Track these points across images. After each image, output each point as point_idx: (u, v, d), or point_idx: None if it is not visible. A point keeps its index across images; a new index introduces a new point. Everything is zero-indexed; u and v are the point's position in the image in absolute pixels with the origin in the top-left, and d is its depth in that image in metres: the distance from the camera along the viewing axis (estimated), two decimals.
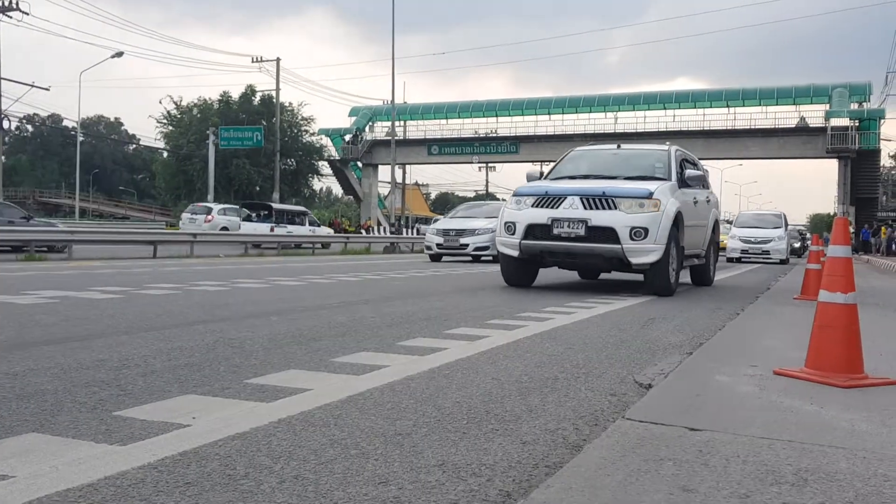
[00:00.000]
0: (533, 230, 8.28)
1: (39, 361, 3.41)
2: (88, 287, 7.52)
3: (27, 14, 33.17)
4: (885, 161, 53.92)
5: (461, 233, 17.75)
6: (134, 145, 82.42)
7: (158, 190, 59.04)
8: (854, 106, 44.34)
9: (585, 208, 8.03)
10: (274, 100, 46.13)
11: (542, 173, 10.02)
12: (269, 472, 1.96)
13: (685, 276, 10.48)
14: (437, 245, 18.00)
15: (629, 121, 49.13)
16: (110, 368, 3.27)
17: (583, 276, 11.00)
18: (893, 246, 34.70)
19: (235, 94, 52.48)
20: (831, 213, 69.35)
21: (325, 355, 3.73)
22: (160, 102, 63.44)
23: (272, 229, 26.35)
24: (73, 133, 63.63)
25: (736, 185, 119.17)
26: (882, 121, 44.27)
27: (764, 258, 23.26)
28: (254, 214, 28.65)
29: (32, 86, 36.95)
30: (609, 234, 7.88)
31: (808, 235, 44.93)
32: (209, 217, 27.41)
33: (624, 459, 2.07)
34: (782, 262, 23.05)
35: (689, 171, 9.35)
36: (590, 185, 8.46)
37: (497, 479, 1.96)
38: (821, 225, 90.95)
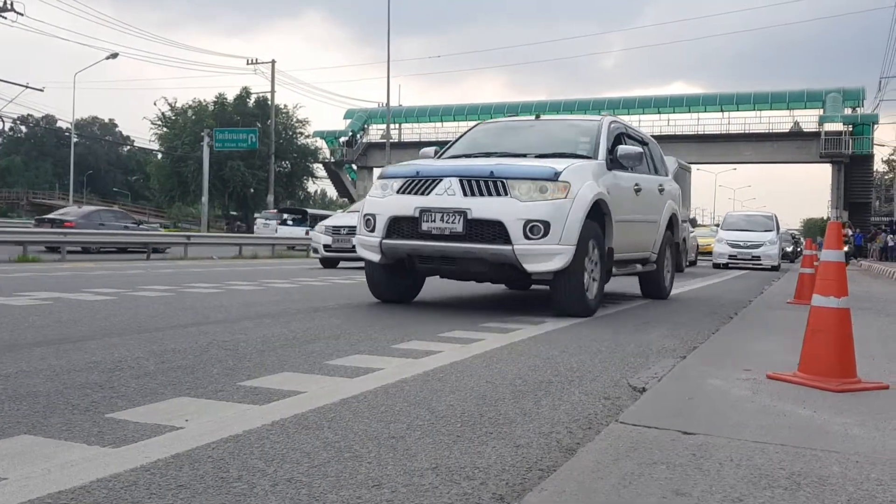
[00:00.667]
0: (398, 225, 6.18)
1: (32, 363, 3.39)
2: (82, 289, 7.50)
3: (22, 15, 33.09)
4: (878, 166, 54.16)
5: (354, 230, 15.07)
6: (128, 146, 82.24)
7: (152, 191, 58.89)
8: (848, 111, 44.50)
9: (466, 194, 5.90)
10: (269, 102, 46.10)
11: (436, 151, 7.69)
12: (262, 474, 1.95)
13: (633, 286, 9.19)
14: (326, 247, 13.86)
15: None
16: (103, 370, 3.26)
17: (511, 287, 8.54)
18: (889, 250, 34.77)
19: (230, 96, 52.42)
20: (825, 218, 69.55)
21: (318, 358, 3.72)
22: (155, 104, 63.42)
23: (307, 233, 27.04)
24: (67, 134, 63.47)
25: (730, 189, 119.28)
26: (875, 126, 44.44)
27: (754, 264, 21.63)
28: (290, 219, 32.66)
29: (27, 86, 36.91)
30: (496, 229, 5.77)
31: (802, 240, 44.98)
32: (277, 222, 32.05)
33: (617, 463, 2.07)
34: (774, 268, 21.58)
35: (623, 148, 6.98)
36: (477, 162, 6.33)
37: (490, 483, 1.96)
38: (814, 229, 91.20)
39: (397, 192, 6.25)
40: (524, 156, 6.58)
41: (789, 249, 33.56)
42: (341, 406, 2.73)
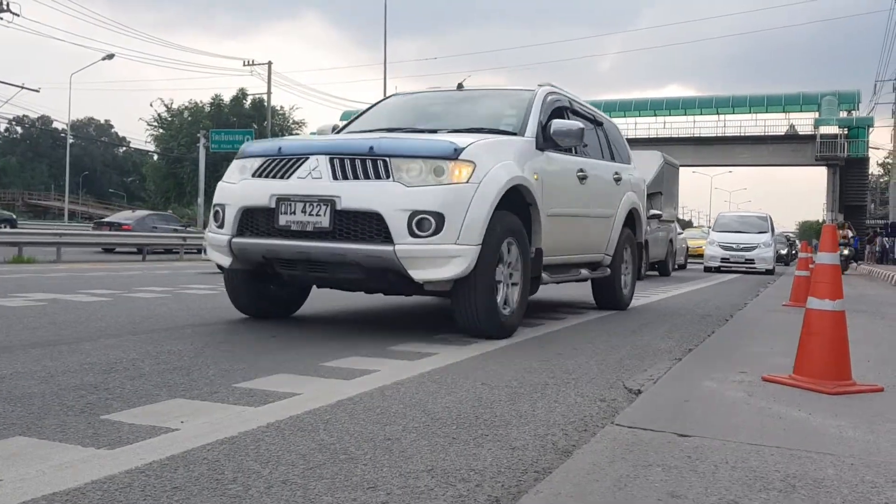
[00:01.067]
0: (251, 219, 4.78)
1: (27, 365, 3.39)
2: (77, 290, 7.48)
3: (18, 15, 33.06)
4: (873, 169, 54.28)
5: None
6: (124, 148, 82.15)
7: (148, 193, 58.82)
8: (843, 114, 44.66)
9: (336, 177, 4.48)
10: (265, 103, 46.09)
11: (335, 127, 6.60)
12: (258, 476, 1.95)
13: (585, 292, 8.21)
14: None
15: (620, 127, 49.20)
16: (98, 372, 3.26)
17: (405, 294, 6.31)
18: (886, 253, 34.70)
19: (227, 98, 52.41)
20: (820, 221, 69.72)
21: (314, 360, 3.72)
22: (151, 105, 63.35)
23: None
24: (62, 135, 63.34)
25: (726, 191, 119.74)
26: (870, 129, 44.61)
27: (747, 267, 20.38)
28: None
29: (22, 87, 36.82)
30: (372, 224, 4.37)
31: (797, 242, 44.99)
32: None
33: (613, 465, 2.07)
34: (768, 272, 20.29)
35: (558, 123, 5.52)
36: (357, 138, 4.93)
37: (486, 485, 1.96)
38: (809, 232, 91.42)
39: (253, 174, 4.83)
40: (434, 132, 5.25)
41: (784, 252, 32.42)
42: (337, 408, 2.73)
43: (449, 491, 1.90)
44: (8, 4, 32.73)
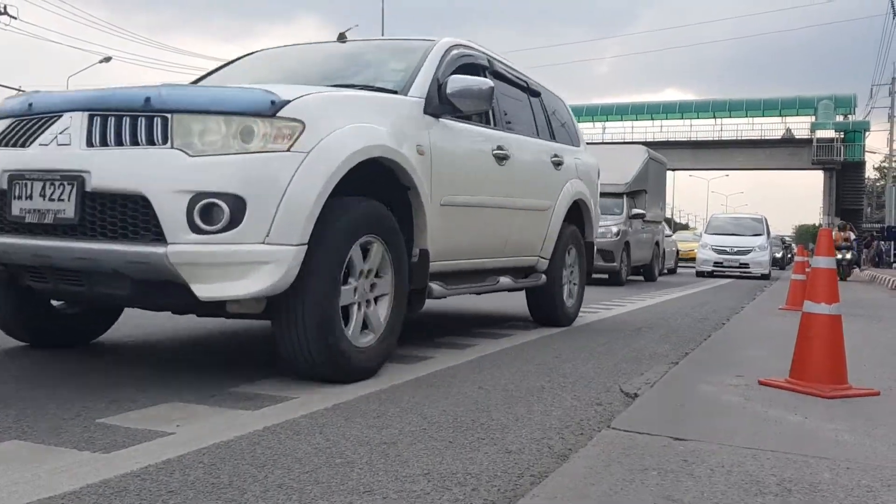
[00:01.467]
0: None
1: (23, 369, 3.38)
2: None
3: (15, 18, 33.03)
4: (869, 173, 54.42)
5: None
6: None
7: None
8: (839, 118, 44.83)
9: (92, 143, 3.06)
10: None
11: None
12: (254, 480, 1.95)
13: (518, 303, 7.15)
14: None
15: (617, 130, 49.52)
16: (94, 375, 3.25)
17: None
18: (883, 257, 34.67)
19: None
20: (817, 224, 69.86)
21: None
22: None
23: None
24: None
25: (722, 195, 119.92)
26: (867, 133, 44.82)
27: (741, 271, 19.35)
28: None
29: (20, 90, 36.77)
30: (136, 212, 2.94)
31: (793, 245, 44.98)
32: None
33: (609, 469, 2.07)
34: (763, 276, 19.33)
35: (457, 80, 4.12)
36: (136, 88, 3.25)
37: (482, 489, 1.95)
38: (806, 236, 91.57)
39: None
40: None
41: (779, 255, 30.96)
42: (333, 411, 2.73)
43: (445, 495, 1.89)
44: (6, 7, 32.72)
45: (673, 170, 50.99)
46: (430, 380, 3.42)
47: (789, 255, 37.32)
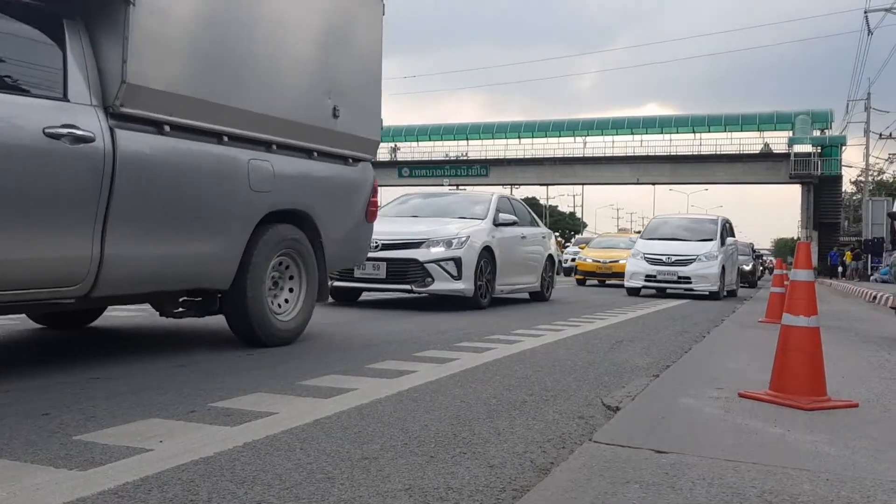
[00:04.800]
0: None
1: None
2: None
3: None
4: (846, 187, 55.14)
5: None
6: None
7: None
8: (816, 133, 45.38)
9: None
10: None
11: None
12: (233, 497, 1.93)
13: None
14: None
15: (598, 145, 49.82)
16: (71, 391, 3.21)
17: None
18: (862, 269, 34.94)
19: None
20: (795, 238, 70.55)
21: (292, 378, 3.69)
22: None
23: None
24: None
25: (702, 209, 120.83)
26: (843, 147, 45.42)
27: (683, 288, 14.48)
28: None
29: None
30: None
31: (772, 259, 45.20)
32: None
33: (591, 482, 2.07)
34: (713, 295, 14.31)
35: None
36: None
37: (464, 503, 1.95)
38: (785, 249, 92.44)
39: None
40: None
41: (748, 268, 24.40)
42: (314, 427, 2.71)
43: None
44: None
45: (653, 184, 51.43)
46: (411, 394, 3.41)
47: (762, 268, 34.31)
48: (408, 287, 8.55)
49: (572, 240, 36.03)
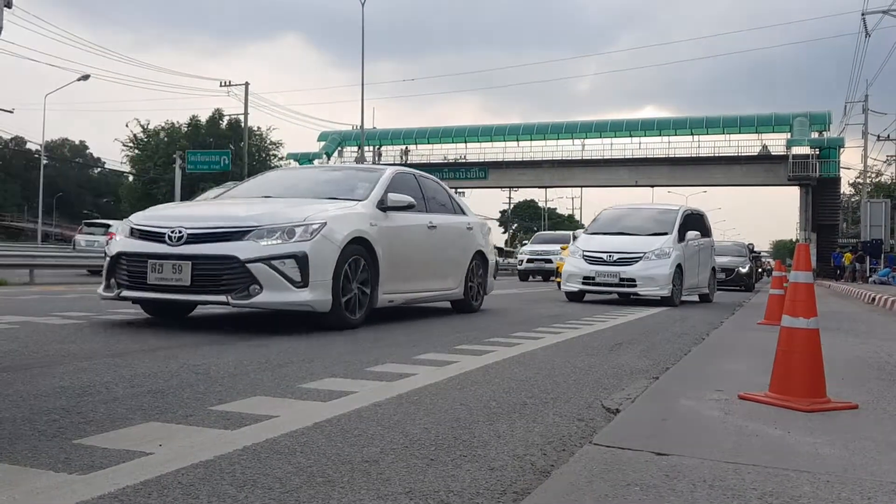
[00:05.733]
0: None
1: None
2: (50, 312, 7.38)
3: None
4: (844, 189, 55.17)
5: None
6: (99, 168, 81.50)
7: (124, 214, 58.21)
8: (814, 135, 45.41)
9: None
10: (242, 124, 45.98)
11: None
12: (233, 500, 1.92)
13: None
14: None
15: (596, 148, 49.83)
16: (71, 396, 3.20)
17: None
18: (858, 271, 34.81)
19: (203, 119, 52.14)
20: (794, 240, 70.60)
21: (291, 381, 3.69)
22: (126, 125, 62.59)
23: None
24: (36, 156, 62.73)
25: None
26: (841, 149, 45.43)
27: (628, 292, 12.06)
28: None
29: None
30: None
31: (770, 260, 45.12)
32: None
33: (591, 485, 2.07)
34: (665, 301, 11.80)
35: None
36: None
37: None
38: (783, 251, 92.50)
39: None
40: None
41: (744, 270, 22.51)
42: (314, 430, 2.71)
43: None
44: None
45: (651, 186, 51.46)
46: (411, 397, 3.41)
47: (760, 270, 32.28)
48: (223, 298, 5.68)
49: (531, 238, 32.43)
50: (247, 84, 42.98)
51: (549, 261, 24.94)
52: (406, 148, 53.75)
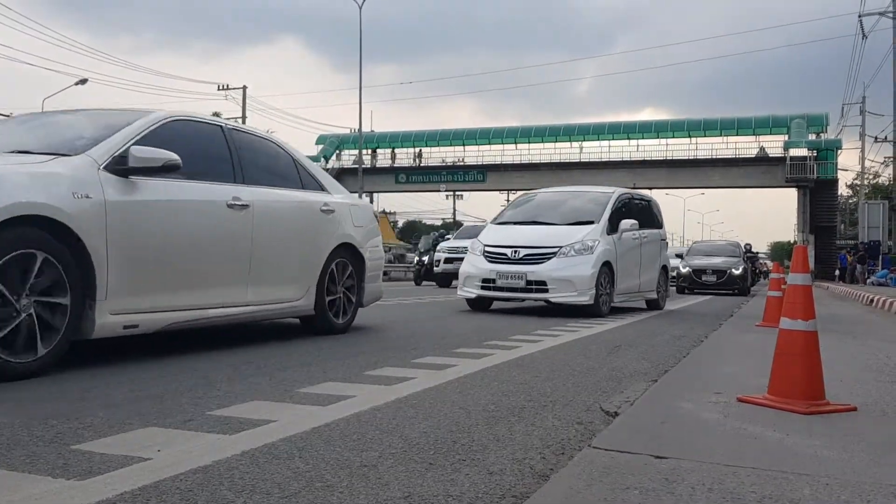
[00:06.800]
0: None
1: None
2: None
3: None
4: (842, 190, 55.20)
5: None
6: None
7: None
8: (812, 136, 45.44)
9: None
10: None
11: None
12: None
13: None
14: None
15: (594, 150, 49.86)
16: (69, 400, 3.20)
17: None
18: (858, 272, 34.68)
19: None
20: (791, 242, 70.65)
21: (290, 386, 3.69)
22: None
23: None
24: None
25: (698, 213, 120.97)
26: (839, 151, 45.44)
27: (539, 298, 9.40)
28: None
29: None
30: None
31: (768, 262, 45.07)
32: None
33: (591, 488, 2.07)
34: (588, 310, 9.18)
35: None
36: None
37: None
38: (781, 253, 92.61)
39: None
40: None
41: (737, 272, 20.83)
42: (312, 434, 2.70)
43: None
44: None
45: (649, 188, 51.49)
46: (410, 401, 3.40)
47: (757, 272, 30.68)
48: None
49: (452, 233, 25.28)
50: (244, 87, 43.05)
51: None
52: (394, 151, 53.69)
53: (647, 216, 11.37)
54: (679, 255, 22.91)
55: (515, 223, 10.29)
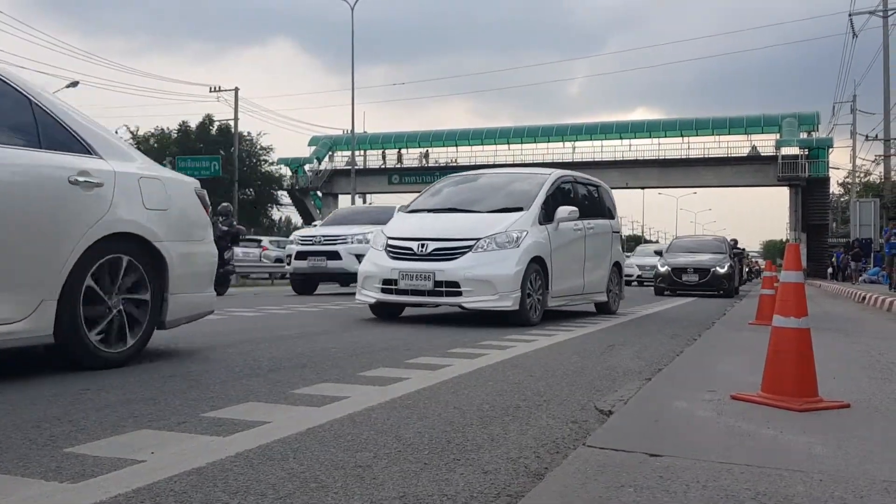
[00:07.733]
0: None
1: None
2: None
3: None
4: (834, 188, 55.37)
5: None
6: None
7: None
8: (803, 135, 45.61)
9: None
10: (232, 129, 45.90)
11: None
12: None
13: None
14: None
15: (586, 150, 49.95)
16: (62, 403, 3.18)
17: None
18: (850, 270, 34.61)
19: (193, 124, 52.01)
20: (784, 240, 70.92)
21: (284, 387, 3.68)
22: (116, 132, 62.47)
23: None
24: None
25: (691, 212, 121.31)
26: (830, 149, 45.61)
27: (451, 301, 7.54)
28: None
29: None
30: None
31: (760, 260, 45.15)
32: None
33: (585, 487, 2.07)
34: (513, 317, 7.55)
35: None
36: None
37: None
38: (774, 251, 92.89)
39: None
40: None
41: (722, 270, 18.62)
42: (307, 435, 2.70)
43: None
44: None
45: (642, 188, 51.64)
46: (404, 401, 3.40)
47: (747, 271, 30.08)
48: None
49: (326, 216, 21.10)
50: (236, 89, 42.93)
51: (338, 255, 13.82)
52: (384, 152, 53.65)
53: (595, 204, 9.65)
54: (658, 253, 21.36)
55: (429, 211, 8.53)
